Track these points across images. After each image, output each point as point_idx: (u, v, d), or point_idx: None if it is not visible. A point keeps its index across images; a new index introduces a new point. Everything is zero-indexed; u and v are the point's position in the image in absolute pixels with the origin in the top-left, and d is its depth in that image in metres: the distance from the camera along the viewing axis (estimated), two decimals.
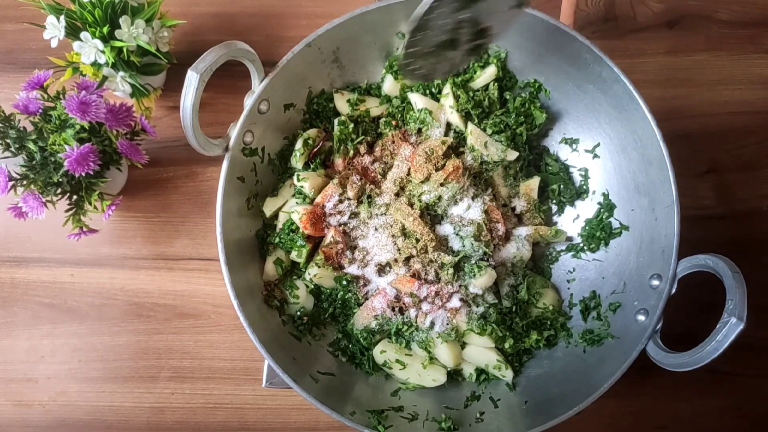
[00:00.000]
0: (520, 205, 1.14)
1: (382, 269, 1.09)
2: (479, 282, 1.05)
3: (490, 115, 1.14)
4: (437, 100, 1.15)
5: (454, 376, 1.10)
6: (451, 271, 1.05)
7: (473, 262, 1.07)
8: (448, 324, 1.06)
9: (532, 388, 1.06)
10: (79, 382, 1.16)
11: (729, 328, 0.85)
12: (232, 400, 1.16)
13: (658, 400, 1.16)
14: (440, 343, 1.06)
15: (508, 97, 1.14)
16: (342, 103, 1.14)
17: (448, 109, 1.12)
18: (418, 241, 1.06)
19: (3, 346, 1.18)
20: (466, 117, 1.13)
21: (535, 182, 1.15)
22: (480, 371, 1.09)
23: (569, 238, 1.16)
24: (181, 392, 1.16)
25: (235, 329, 1.18)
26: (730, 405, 1.17)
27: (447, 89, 1.13)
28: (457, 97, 1.12)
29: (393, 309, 1.08)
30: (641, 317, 0.98)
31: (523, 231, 1.13)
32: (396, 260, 1.07)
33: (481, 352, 1.07)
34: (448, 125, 1.14)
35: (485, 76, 1.12)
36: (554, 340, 1.10)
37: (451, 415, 1.03)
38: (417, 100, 1.13)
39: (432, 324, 1.07)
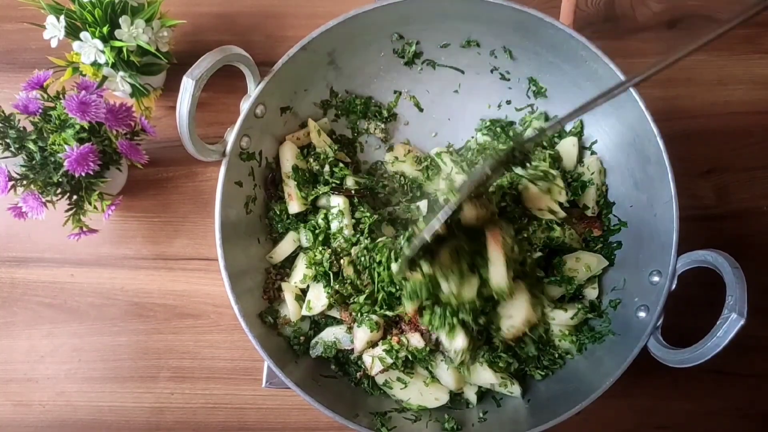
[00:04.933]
0: None
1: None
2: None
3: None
4: None
5: (455, 397, 1.07)
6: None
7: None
8: None
9: (534, 387, 1.06)
10: (79, 382, 1.16)
11: (730, 324, 0.84)
12: (232, 400, 1.16)
13: (658, 400, 1.16)
14: (443, 364, 1.04)
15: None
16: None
17: None
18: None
19: (3, 346, 1.18)
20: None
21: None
22: (482, 393, 1.07)
23: None
24: (181, 392, 1.16)
25: (235, 329, 1.18)
26: (731, 405, 1.16)
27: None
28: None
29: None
30: (642, 314, 0.98)
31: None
32: None
33: (485, 372, 1.03)
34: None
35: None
36: (559, 361, 1.08)
37: (455, 416, 1.03)
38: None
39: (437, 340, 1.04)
